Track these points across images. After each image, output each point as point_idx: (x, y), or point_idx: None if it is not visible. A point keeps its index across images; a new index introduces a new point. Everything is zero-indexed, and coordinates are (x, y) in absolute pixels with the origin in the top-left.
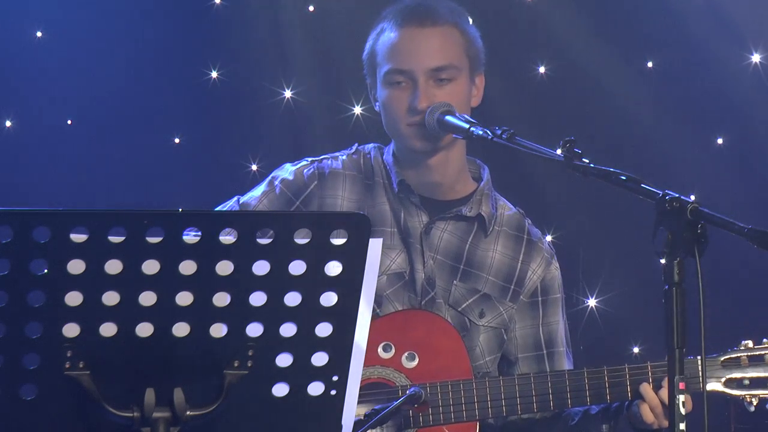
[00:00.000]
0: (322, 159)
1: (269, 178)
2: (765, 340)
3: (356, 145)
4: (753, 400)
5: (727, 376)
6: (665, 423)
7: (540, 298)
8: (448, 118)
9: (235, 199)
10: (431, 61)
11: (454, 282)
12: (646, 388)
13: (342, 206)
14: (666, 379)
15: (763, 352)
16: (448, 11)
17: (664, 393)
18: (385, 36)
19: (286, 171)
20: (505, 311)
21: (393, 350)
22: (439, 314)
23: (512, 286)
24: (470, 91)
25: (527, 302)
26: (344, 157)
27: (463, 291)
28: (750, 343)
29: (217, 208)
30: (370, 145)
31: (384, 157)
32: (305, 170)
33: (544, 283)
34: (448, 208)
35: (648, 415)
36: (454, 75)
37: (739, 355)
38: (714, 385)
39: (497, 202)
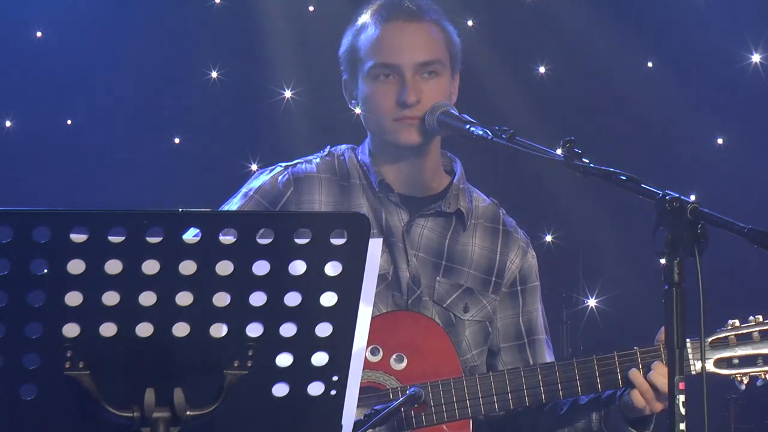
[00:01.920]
0: (296, 164)
1: (244, 190)
2: (751, 318)
3: (329, 147)
4: (743, 378)
5: (716, 357)
6: (656, 406)
7: (519, 288)
8: (449, 118)
9: None
10: (419, 56)
11: (437, 278)
12: (635, 374)
13: (319, 209)
14: (655, 362)
15: (750, 330)
16: (430, 8)
17: (653, 376)
18: (368, 31)
19: (260, 180)
20: (489, 304)
21: (381, 353)
22: (424, 313)
23: (493, 278)
24: (451, 87)
25: (507, 292)
26: (318, 160)
27: (447, 287)
28: (737, 322)
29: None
30: (343, 147)
31: (359, 157)
32: (280, 177)
33: (522, 273)
34: (426, 204)
35: (639, 400)
36: (439, 70)
37: (726, 334)
38: None
39: (472, 195)
